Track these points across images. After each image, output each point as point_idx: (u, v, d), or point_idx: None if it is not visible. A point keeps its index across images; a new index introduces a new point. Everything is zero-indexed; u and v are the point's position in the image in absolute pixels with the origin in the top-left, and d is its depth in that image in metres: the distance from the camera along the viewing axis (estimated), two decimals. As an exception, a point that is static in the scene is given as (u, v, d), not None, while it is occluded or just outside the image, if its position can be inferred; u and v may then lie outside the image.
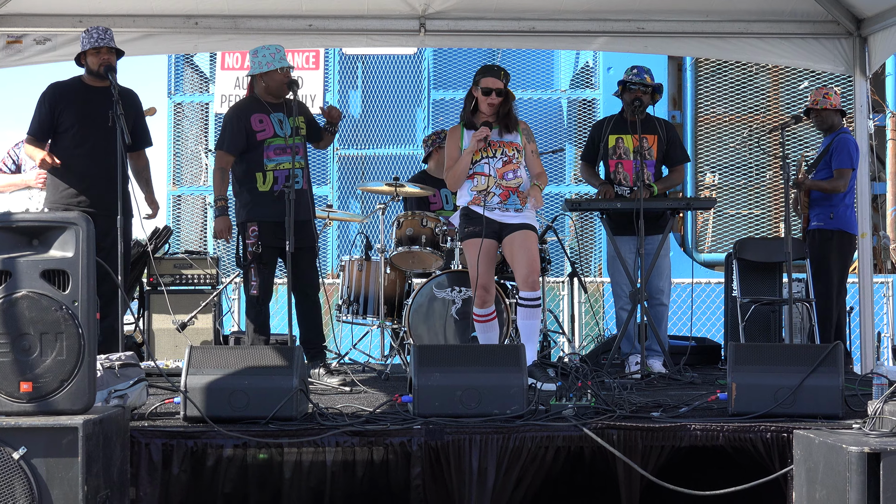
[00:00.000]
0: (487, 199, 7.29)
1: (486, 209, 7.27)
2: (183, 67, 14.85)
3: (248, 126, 7.62)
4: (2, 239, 4.66)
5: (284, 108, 7.61)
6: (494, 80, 7.40)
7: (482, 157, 7.37)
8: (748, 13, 8.81)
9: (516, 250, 7.33)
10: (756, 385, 5.65)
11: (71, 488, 4.47)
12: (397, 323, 8.62)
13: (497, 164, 7.37)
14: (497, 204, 7.33)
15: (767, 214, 14.48)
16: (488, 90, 7.39)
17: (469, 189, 7.41)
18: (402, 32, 9.00)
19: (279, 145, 7.58)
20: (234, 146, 7.64)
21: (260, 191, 7.58)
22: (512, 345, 7.41)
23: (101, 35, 7.53)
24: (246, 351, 5.87)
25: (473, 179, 7.39)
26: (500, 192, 7.33)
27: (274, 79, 7.60)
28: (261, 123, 7.62)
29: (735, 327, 8.98)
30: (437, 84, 14.59)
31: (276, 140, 7.59)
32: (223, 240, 7.76)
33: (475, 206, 7.36)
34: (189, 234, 15.01)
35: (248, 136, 7.61)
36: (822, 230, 8.92)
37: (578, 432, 5.44)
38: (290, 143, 7.45)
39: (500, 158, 7.38)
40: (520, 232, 7.35)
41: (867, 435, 4.74)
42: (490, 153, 7.38)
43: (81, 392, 4.65)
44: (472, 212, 7.39)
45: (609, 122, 8.61)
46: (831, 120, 9.05)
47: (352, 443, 5.39)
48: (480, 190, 7.34)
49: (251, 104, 7.74)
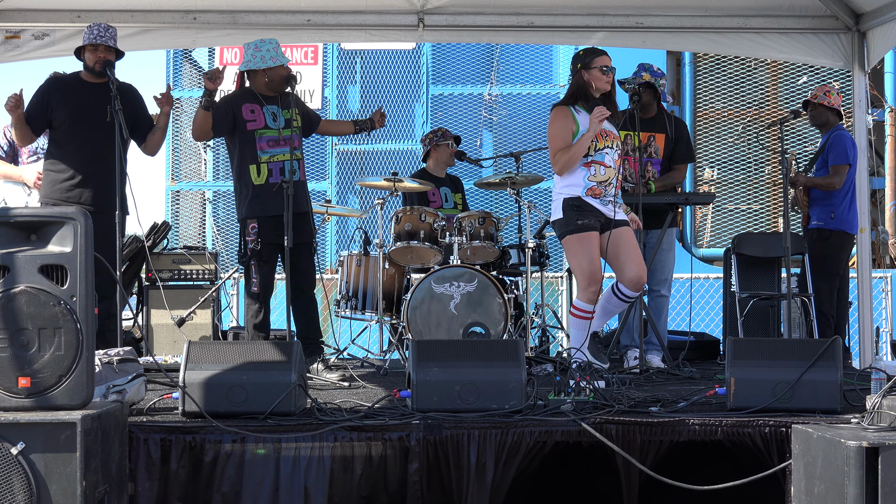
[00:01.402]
0: (608, 190, 7.10)
1: (603, 202, 7.11)
2: (181, 62, 14.85)
3: (237, 112, 7.53)
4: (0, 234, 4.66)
5: (279, 101, 7.59)
6: (609, 59, 7.24)
7: (604, 146, 7.16)
8: (747, 8, 8.81)
9: (628, 248, 7.18)
10: (754, 380, 5.65)
11: (69, 483, 4.47)
12: (396, 318, 8.61)
13: (614, 155, 7.22)
14: (613, 196, 7.18)
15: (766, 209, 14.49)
16: (608, 68, 7.20)
17: (585, 178, 7.14)
18: (401, 27, 9.01)
19: (272, 137, 7.54)
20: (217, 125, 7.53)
21: (256, 184, 7.52)
22: (510, 340, 7.41)
23: (101, 32, 7.46)
24: (244, 346, 5.86)
25: (590, 168, 7.15)
26: (615, 185, 7.21)
27: (278, 73, 7.57)
28: (252, 113, 7.54)
29: (734, 322, 8.99)
30: (436, 79, 14.59)
31: (268, 132, 7.54)
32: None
33: (591, 198, 7.15)
34: (188, 230, 15.01)
35: (236, 121, 7.51)
36: (822, 229, 8.91)
37: (577, 427, 5.44)
38: (283, 136, 7.45)
39: (616, 150, 7.24)
40: (627, 229, 7.22)
41: (866, 429, 4.74)
42: (609, 142, 7.20)
43: (80, 387, 4.65)
44: (585, 203, 7.14)
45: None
46: (825, 117, 9.02)
47: (350, 438, 5.39)
48: (601, 181, 7.13)
49: (243, 94, 7.65)
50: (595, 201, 7.09)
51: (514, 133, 14.36)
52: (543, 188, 13.27)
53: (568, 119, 7.18)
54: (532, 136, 14.00)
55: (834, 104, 8.97)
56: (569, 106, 7.22)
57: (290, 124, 7.47)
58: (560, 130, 7.17)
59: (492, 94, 14.49)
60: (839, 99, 9.09)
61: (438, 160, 9.51)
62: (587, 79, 7.20)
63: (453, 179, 9.68)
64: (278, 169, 7.49)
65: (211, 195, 14.89)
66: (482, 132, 14.43)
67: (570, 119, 7.18)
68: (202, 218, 15.02)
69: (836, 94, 9.05)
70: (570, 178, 7.14)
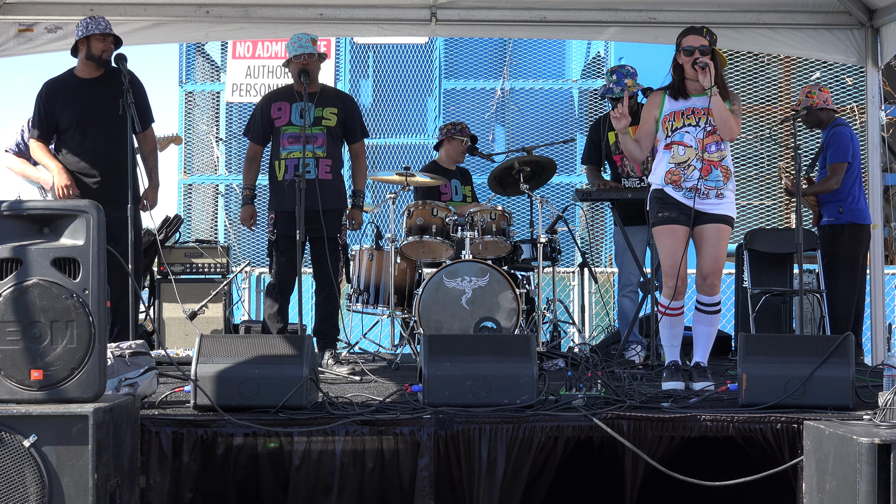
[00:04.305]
0: (687, 172, 6.56)
1: (684, 192, 6.57)
2: (194, 56, 14.85)
3: (268, 114, 7.74)
4: (13, 227, 4.67)
5: (316, 99, 7.62)
6: (696, 38, 6.57)
7: (683, 125, 6.60)
8: (760, 4, 8.80)
9: (704, 244, 6.66)
10: (766, 376, 5.64)
11: (81, 476, 4.48)
12: (407, 312, 8.62)
13: (699, 133, 6.55)
14: (696, 180, 6.54)
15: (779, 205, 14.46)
16: (690, 49, 6.56)
17: (667, 161, 6.65)
18: (414, 22, 9.01)
19: (293, 133, 7.61)
20: (256, 135, 7.84)
21: (278, 179, 7.69)
22: (522, 335, 7.40)
23: (105, 24, 7.51)
24: (256, 340, 5.87)
25: (671, 150, 6.63)
26: (702, 167, 6.55)
27: (294, 68, 7.65)
28: (279, 111, 7.72)
29: (746, 318, 8.98)
30: (448, 73, 14.58)
31: (290, 128, 7.63)
32: (248, 227, 7.95)
33: (671, 189, 6.63)
34: (200, 223, 15.02)
35: (271, 124, 7.74)
36: (833, 225, 8.89)
37: (588, 422, 5.43)
38: (305, 133, 7.47)
39: (704, 128, 6.55)
40: (713, 225, 6.62)
41: (878, 426, 4.72)
42: (692, 121, 6.60)
43: (92, 380, 4.66)
44: (667, 196, 6.65)
45: (605, 120, 8.63)
46: (815, 118, 8.99)
47: (361, 432, 5.39)
48: (679, 162, 6.58)
49: (282, 92, 7.90)
50: (678, 193, 6.59)
51: (527, 128, 14.34)
52: (555, 183, 13.25)
53: (651, 106, 6.76)
54: (544, 131, 13.99)
55: (818, 103, 8.90)
56: (664, 91, 6.75)
57: (319, 122, 7.53)
58: (642, 119, 6.81)
59: (504, 88, 14.47)
60: (824, 94, 8.99)
61: (450, 153, 9.50)
62: (680, 62, 6.67)
63: (463, 172, 9.68)
64: (293, 165, 7.55)
65: (223, 189, 14.90)
66: (494, 126, 14.42)
67: (654, 105, 6.74)
68: (214, 212, 15.03)
69: (819, 92, 8.96)
70: (657, 167, 6.76)
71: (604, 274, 12.66)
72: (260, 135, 7.83)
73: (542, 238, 8.56)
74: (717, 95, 6.50)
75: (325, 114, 7.60)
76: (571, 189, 13.06)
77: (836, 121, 8.99)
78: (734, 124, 6.55)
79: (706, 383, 6.44)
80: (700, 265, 6.72)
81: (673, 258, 6.65)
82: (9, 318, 4.62)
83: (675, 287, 6.67)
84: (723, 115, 6.51)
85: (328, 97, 7.68)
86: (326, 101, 7.59)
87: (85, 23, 7.51)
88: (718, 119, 6.52)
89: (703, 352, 6.70)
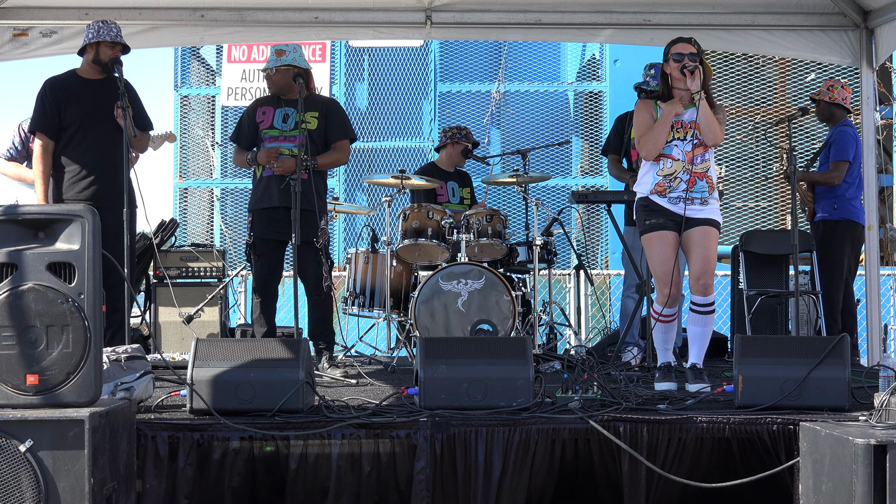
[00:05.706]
0: (674, 185, 6.66)
1: (669, 199, 6.69)
2: (189, 60, 14.84)
3: (254, 119, 7.86)
4: (8, 231, 4.67)
5: (297, 104, 7.62)
6: (685, 45, 6.69)
7: (672, 139, 6.72)
8: (755, 5, 8.79)
9: (692, 247, 6.71)
10: (762, 377, 5.65)
11: (77, 481, 4.48)
12: (403, 315, 8.62)
13: (687, 146, 6.69)
14: (682, 191, 6.66)
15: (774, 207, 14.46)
16: (679, 55, 6.67)
17: (654, 173, 6.76)
18: (409, 25, 9.00)
19: (272, 136, 7.75)
20: (244, 141, 7.91)
21: (258, 177, 7.81)
22: (518, 337, 7.40)
23: (116, 31, 7.54)
24: (252, 343, 5.87)
25: (659, 162, 6.73)
26: (688, 179, 6.67)
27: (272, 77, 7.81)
28: (263, 115, 7.85)
29: (741, 320, 8.99)
30: (444, 76, 14.57)
31: (271, 131, 7.78)
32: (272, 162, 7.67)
33: (657, 197, 6.75)
34: (196, 227, 15.01)
35: (256, 128, 7.84)
36: (827, 221, 8.94)
37: (584, 425, 5.44)
38: (285, 135, 7.66)
39: (691, 141, 6.69)
40: (700, 228, 6.71)
41: (874, 427, 4.73)
42: (681, 134, 6.73)
43: (88, 384, 4.66)
44: (653, 203, 6.76)
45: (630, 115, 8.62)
46: (829, 112, 9.07)
47: (358, 435, 5.39)
48: (666, 175, 6.70)
49: (268, 97, 7.97)
50: (663, 200, 6.73)
51: (522, 130, 14.34)
52: (551, 185, 13.26)
53: (647, 109, 6.84)
54: (540, 134, 13.98)
55: (837, 98, 8.99)
56: (654, 101, 6.85)
57: (298, 126, 7.56)
58: (642, 117, 6.84)
59: (499, 91, 14.47)
60: (845, 92, 9.09)
61: (451, 156, 9.55)
62: (668, 71, 6.79)
63: (461, 174, 9.69)
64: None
65: (219, 192, 14.89)
66: (490, 129, 14.42)
67: (649, 108, 6.83)
68: (210, 215, 15.01)
69: (840, 89, 9.05)
70: (643, 176, 6.85)
71: (599, 276, 12.66)
72: (247, 141, 7.88)
73: (538, 240, 8.57)
74: (704, 100, 6.59)
75: (306, 118, 7.67)
76: (567, 191, 13.05)
77: (845, 121, 9.04)
78: (719, 130, 6.67)
79: (702, 385, 6.48)
80: (692, 267, 6.74)
81: (665, 265, 6.72)
82: (4, 322, 4.62)
83: (668, 294, 6.72)
84: (709, 120, 6.62)
85: (312, 103, 7.78)
86: (309, 107, 7.68)
87: (97, 27, 7.52)
88: (704, 124, 6.62)
89: (699, 352, 6.74)
